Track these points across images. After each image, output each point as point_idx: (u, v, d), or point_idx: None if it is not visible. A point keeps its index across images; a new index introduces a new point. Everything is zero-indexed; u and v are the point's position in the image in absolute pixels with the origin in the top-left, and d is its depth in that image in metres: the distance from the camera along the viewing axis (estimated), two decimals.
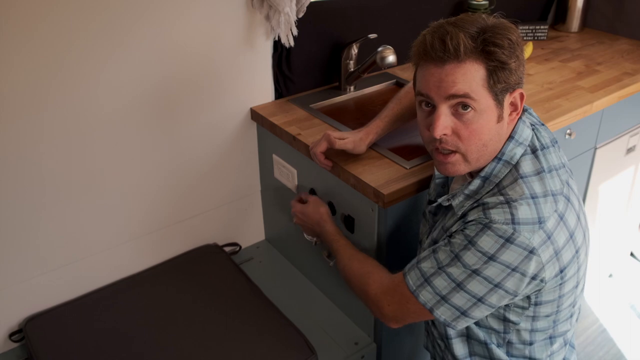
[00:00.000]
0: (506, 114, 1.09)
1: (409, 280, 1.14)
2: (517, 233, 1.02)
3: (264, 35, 1.67)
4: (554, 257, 1.05)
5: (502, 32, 1.03)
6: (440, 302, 1.10)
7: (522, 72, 1.08)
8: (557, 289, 1.11)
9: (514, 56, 1.04)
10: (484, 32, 1.02)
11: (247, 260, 1.88)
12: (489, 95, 1.05)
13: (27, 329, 1.51)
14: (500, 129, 1.09)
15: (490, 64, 1.03)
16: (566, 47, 2.27)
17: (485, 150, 1.09)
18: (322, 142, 1.42)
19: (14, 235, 1.46)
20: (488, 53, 1.02)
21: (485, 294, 1.07)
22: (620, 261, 2.62)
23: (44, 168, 1.44)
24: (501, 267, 1.03)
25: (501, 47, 1.02)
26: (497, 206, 1.05)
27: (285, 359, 1.41)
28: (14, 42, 1.28)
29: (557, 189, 1.08)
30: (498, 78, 1.04)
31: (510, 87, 1.06)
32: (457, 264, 1.07)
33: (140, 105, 1.52)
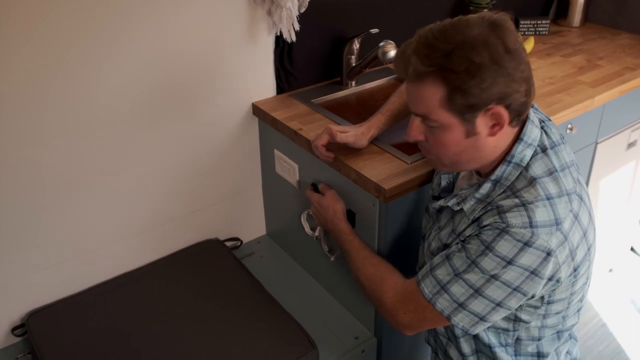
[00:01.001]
0: (483, 128, 1.05)
1: (424, 288, 1.13)
2: (535, 236, 1.01)
3: (265, 31, 1.66)
4: (569, 257, 1.05)
5: (464, 55, 0.98)
6: (458, 309, 1.10)
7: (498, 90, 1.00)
8: (569, 287, 1.11)
9: (476, 78, 0.98)
10: (445, 55, 0.99)
11: (248, 255, 1.88)
12: (451, 115, 1.04)
13: (30, 323, 1.52)
14: (477, 142, 1.07)
15: (447, 87, 1.01)
16: (568, 42, 2.27)
17: (460, 159, 1.10)
18: (323, 135, 1.42)
19: (16, 231, 1.46)
20: (443, 77, 1.01)
21: (504, 299, 1.06)
22: (621, 256, 2.62)
23: (46, 165, 1.44)
24: (520, 270, 1.03)
25: (456, 73, 0.99)
26: (513, 209, 1.04)
27: (286, 353, 1.41)
28: (14, 42, 1.28)
29: (570, 187, 1.07)
30: (456, 100, 1.01)
31: (478, 107, 1.02)
32: (474, 270, 1.06)
33: (141, 101, 1.52)
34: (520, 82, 1.02)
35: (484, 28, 1.00)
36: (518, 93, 1.02)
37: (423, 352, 1.75)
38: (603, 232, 2.31)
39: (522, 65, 1.02)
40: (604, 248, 2.40)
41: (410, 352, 1.73)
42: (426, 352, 1.74)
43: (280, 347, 1.43)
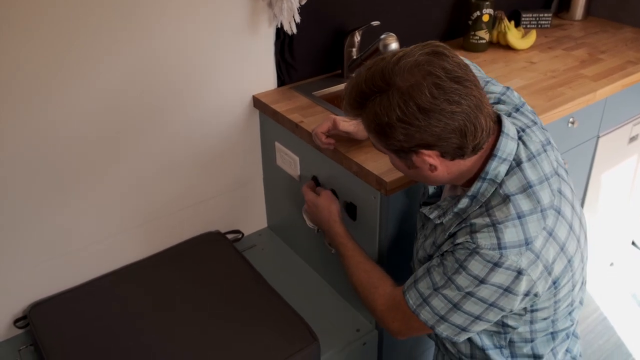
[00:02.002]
0: (422, 165, 1.05)
1: (408, 299, 1.16)
2: (504, 257, 1.02)
3: (266, 22, 1.66)
4: (544, 273, 1.05)
5: (376, 111, 0.99)
6: (440, 321, 1.12)
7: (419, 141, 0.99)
8: (551, 297, 1.11)
9: (388, 134, 1.00)
10: (362, 107, 1.02)
11: (249, 247, 1.89)
12: (387, 150, 1.07)
13: (32, 315, 1.52)
14: (423, 173, 1.07)
15: (372, 131, 1.04)
16: (570, 36, 2.26)
17: (418, 180, 1.14)
18: (324, 123, 1.43)
19: (18, 223, 1.46)
20: (366, 124, 1.04)
21: (481, 313, 1.09)
22: (622, 250, 2.63)
23: (47, 158, 1.44)
24: (493, 288, 1.05)
25: (370, 127, 1.03)
26: (483, 229, 1.04)
27: (288, 345, 1.41)
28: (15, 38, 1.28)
29: (546, 202, 1.06)
30: (382, 145, 1.05)
31: (405, 151, 1.03)
32: (451, 287, 1.08)
33: (141, 94, 1.52)
34: (444, 134, 0.99)
35: (412, 75, 0.97)
36: (445, 142, 1.00)
37: (424, 346, 1.75)
38: (604, 226, 2.31)
39: (444, 120, 0.97)
40: (605, 242, 2.40)
41: (411, 346, 1.73)
42: (426, 345, 1.75)
43: (282, 340, 1.43)
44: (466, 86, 0.98)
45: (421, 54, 0.99)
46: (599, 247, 2.36)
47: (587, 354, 2.20)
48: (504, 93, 1.24)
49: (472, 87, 0.99)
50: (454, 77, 0.97)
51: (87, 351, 1.42)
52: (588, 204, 2.14)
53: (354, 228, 1.49)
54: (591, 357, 2.19)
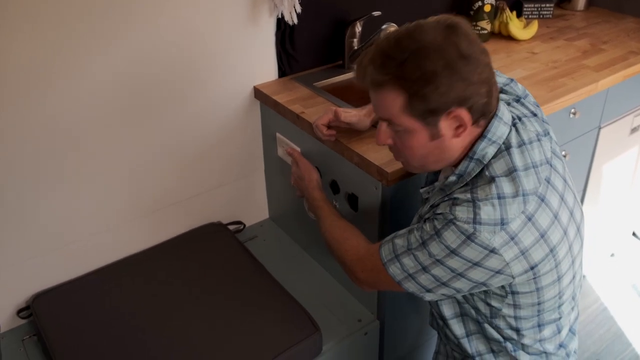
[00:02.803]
0: (447, 131, 1.07)
1: (382, 252, 1.19)
2: (477, 232, 1.04)
3: (267, 13, 1.66)
4: (520, 256, 1.06)
5: (418, 62, 1.00)
6: (408, 278, 1.15)
7: (457, 94, 1.02)
8: (531, 282, 1.11)
9: (431, 85, 1.00)
10: (399, 65, 1.01)
11: (251, 238, 1.89)
12: (413, 119, 1.06)
13: (35, 305, 1.53)
14: (443, 144, 1.09)
15: (406, 93, 1.03)
16: (572, 26, 2.26)
17: (428, 160, 1.13)
18: (325, 114, 1.43)
19: (20, 214, 1.47)
20: (400, 85, 1.03)
21: (448, 280, 1.11)
22: (623, 241, 2.63)
23: (49, 147, 1.44)
24: (463, 260, 1.06)
25: (410, 80, 1.01)
26: (463, 204, 1.06)
27: (290, 335, 1.42)
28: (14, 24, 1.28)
29: (529, 188, 1.07)
30: (416, 106, 1.03)
31: (439, 111, 1.04)
32: (422, 251, 1.10)
33: (142, 85, 1.52)
34: (479, 84, 1.03)
35: (438, 34, 1.01)
36: (478, 95, 1.03)
37: (425, 335, 1.76)
38: (605, 217, 2.32)
39: (479, 68, 1.02)
40: (605, 233, 2.40)
41: (413, 335, 1.74)
42: (428, 335, 1.76)
43: (284, 330, 1.44)
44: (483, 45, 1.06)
45: (437, 18, 1.04)
46: (599, 238, 2.37)
47: (588, 344, 2.21)
48: (507, 84, 1.26)
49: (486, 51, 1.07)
50: (474, 35, 1.05)
51: (90, 340, 1.43)
52: (589, 195, 2.14)
53: (356, 219, 1.49)
54: (591, 347, 2.20)
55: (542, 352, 1.24)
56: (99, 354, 1.40)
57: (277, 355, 1.37)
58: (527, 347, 1.23)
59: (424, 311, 1.66)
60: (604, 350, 2.19)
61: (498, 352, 1.25)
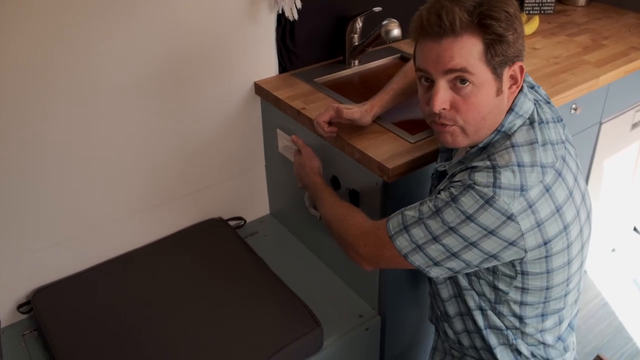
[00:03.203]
0: (506, 87, 1.09)
1: (389, 225, 1.16)
2: (496, 196, 1.03)
3: (267, 9, 1.65)
4: (535, 227, 1.06)
5: (499, 5, 1.03)
6: (416, 249, 1.13)
7: (521, 45, 1.07)
8: (542, 261, 1.11)
9: (512, 29, 1.04)
10: (481, 6, 1.02)
11: (251, 234, 1.89)
12: (487, 69, 1.06)
13: (35, 300, 1.53)
14: (500, 102, 1.10)
15: (487, 38, 1.03)
16: (573, 21, 2.25)
17: (484, 124, 1.10)
18: (326, 112, 1.43)
19: (21, 208, 1.47)
20: (485, 26, 1.03)
21: (459, 250, 1.08)
22: (624, 236, 2.63)
23: (49, 141, 1.44)
24: (478, 228, 1.05)
25: (498, 20, 1.02)
26: (483, 170, 1.06)
27: (291, 331, 1.42)
28: (17, 12, 1.27)
29: (548, 161, 1.08)
30: (495, 51, 1.04)
31: (509, 59, 1.06)
32: (436, 219, 1.09)
33: (143, 80, 1.52)
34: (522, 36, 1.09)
35: None
36: (524, 50, 1.09)
37: (426, 331, 1.76)
38: (606, 212, 2.32)
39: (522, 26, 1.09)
40: (606, 228, 2.40)
41: (414, 331, 1.74)
42: (429, 330, 1.76)
43: (285, 325, 1.44)
44: None
45: None
46: (600, 233, 2.37)
47: (589, 338, 2.21)
48: None
49: None
50: None
51: (90, 335, 1.43)
52: (590, 190, 2.13)
53: None
54: (592, 341, 2.20)
55: (540, 343, 1.24)
56: (100, 348, 1.40)
57: (278, 350, 1.37)
58: (527, 337, 1.23)
59: (425, 306, 1.66)
60: (605, 344, 2.20)
61: (498, 345, 1.25)
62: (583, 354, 2.14)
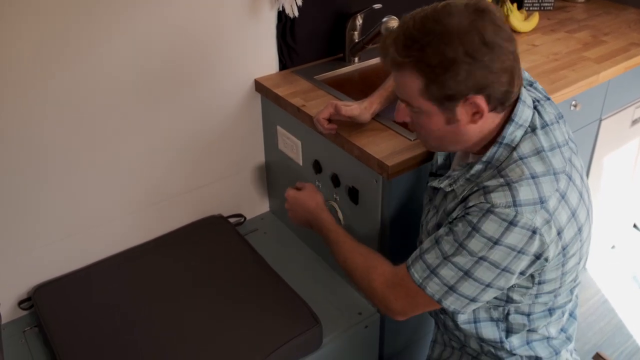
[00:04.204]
0: (463, 117, 1.06)
1: (414, 273, 1.13)
2: (519, 215, 1.02)
3: (267, 5, 1.65)
4: (556, 236, 1.05)
5: (439, 48, 0.99)
6: (449, 292, 1.10)
7: (478, 80, 1.00)
8: (559, 266, 1.11)
9: (451, 71, 0.99)
10: (420, 48, 1.00)
11: (251, 231, 1.89)
12: (429, 103, 1.05)
13: (36, 297, 1.53)
14: (459, 128, 1.08)
15: (424, 77, 1.02)
16: (572, 18, 2.25)
17: (444, 142, 1.12)
18: (325, 109, 1.43)
19: (22, 205, 1.47)
20: (419, 69, 1.02)
21: (493, 279, 1.07)
22: (623, 233, 2.63)
23: (50, 139, 1.44)
24: (507, 250, 1.03)
25: (431, 66, 1.00)
26: (498, 189, 1.04)
27: (290, 328, 1.42)
28: (20, 10, 1.27)
29: (559, 167, 1.07)
30: (434, 90, 1.03)
31: (456, 97, 1.03)
32: (462, 253, 1.06)
33: (142, 77, 1.52)
34: (500, 73, 1.01)
35: (464, 18, 0.99)
36: (498, 83, 1.02)
37: (425, 328, 1.77)
38: (606, 209, 2.32)
39: (502, 57, 1.01)
40: (606, 225, 2.40)
41: (413, 328, 1.74)
42: (428, 328, 1.76)
43: (284, 323, 1.44)
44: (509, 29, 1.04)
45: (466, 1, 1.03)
46: (600, 229, 2.37)
47: (588, 335, 2.21)
48: None
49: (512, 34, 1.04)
50: (502, 18, 1.03)
51: (91, 332, 1.43)
52: (590, 187, 2.12)
53: (356, 212, 1.49)
54: (592, 339, 2.20)
55: (545, 338, 1.24)
56: (100, 345, 1.40)
57: (277, 348, 1.37)
58: (532, 334, 1.23)
59: None
60: (605, 342, 2.20)
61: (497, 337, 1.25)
62: (583, 351, 2.14)
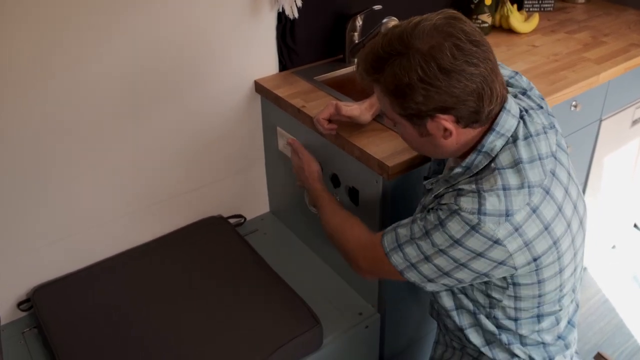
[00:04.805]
0: (435, 132, 1.07)
1: (384, 241, 1.19)
2: (481, 223, 1.04)
3: (267, 7, 1.65)
4: (523, 247, 1.06)
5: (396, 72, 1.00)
6: (410, 267, 1.16)
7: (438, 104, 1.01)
8: (533, 274, 1.12)
9: (408, 96, 1.01)
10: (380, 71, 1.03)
11: (251, 232, 1.89)
12: (401, 118, 1.08)
13: (35, 298, 1.53)
14: (434, 141, 1.09)
15: (389, 95, 1.05)
16: (573, 19, 2.25)
17: (423, 151, 1.17)
18: (326, 109, 1.44)
19: (21, 206, 1.47)
20: (382, 89, 1.06)
21: (451, 270, 1.11)
22: (624, 233, 2.63)
23: (50, 140, 1.44)
24: (466, 251, 1.07)
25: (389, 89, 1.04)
26: (468, 194, 1.06)
27: (290, 329, 1.43)
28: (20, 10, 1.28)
29: (535, 180, 1.07)
30: (399, 110, 1.06)
31: (421, 116, 1.04)
32: (426, 240, 1.11)
33: (143, 78, 1.52)
34: (462, 96, 1.01)
35: (429, 40, 0.99)
36: (463, 106, 1.02)
37: (426, 328, 1.77)
38: (606, 209, 2.32)
39: (463, 82, 1.00)
40: (607, 225, 2.40)
41: (413, 328, 1.74)
42: (429, 328, 1.76)
43: (285, 323, 1.44)
44: (484, 50, 1.02)
45: (439, 18, 1.02)
46: (601, 229, 2.37)
47: (589, 335, 2.21)
48: (512, 77, 1.26)
49: (488, 52, 1.03)
50: (473, 40, 1.00)
51: (90, 333, 1.43)
52: (590, 187, 2.14)
53: (356, 213, 1.49)
54: (592, 338, 2.20)
55: (540, 343, 1.24)
56: (100, 346, 1.40)
57: (278, 348, 1.37)
58: (524, 338, 1.23)
59: (425, 303, 1.66)
60: (605, 342, 2.20)
61: (492, 344, 1.26)
62: (583, 351, 2.14)
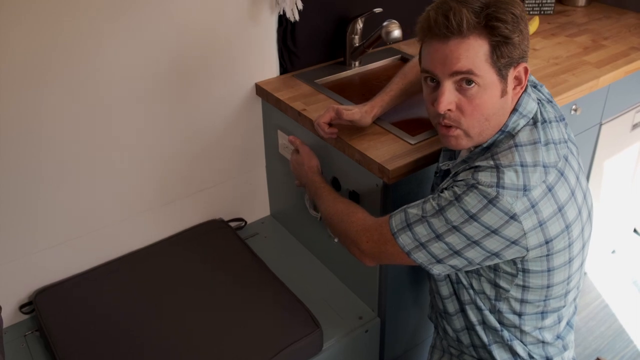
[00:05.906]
0: (510, 88, 1.10)
1: (392, 222, 1.17)
2: (500, 196, 1.04)
3: (268, 10, 1.66)
4: (537, 227, 1.07)
5: (505, 7, 1.03)
6: (419, 247, 1.14)
7: (526, 46, 1.08)
8: (544, 260, 1.12)
9: (517, 30, 1.05)
10: (488, 7, 1.03)
11: (252, 235, 1.89)
12: (493, 71, 1.06)
13: (37, 301, 1.53)
14: (504, 104, 1.10)
15: (493, 40, 1.04)
16: (573, 22, 2.25)
17: (487, 125, 1.11)
18: (326, 113, 1.43)
19: (23, 209, 1.47)
20: (491, 28, 1.03)
21: (462, 248, 1.10)
22: (624, 237, 2.63)
23: (51, 142, 1.44)
24: (481, 227, 1.06)
25: (504, 22, 1.03)
26: (486, 170, 1.07)
27: (291, 332, 1.42)
28: (19, 11, 1.28)
29: (550, 161, 1.09)
30: (501, 53, 1.05)
31: (514, 61, 1.07)
32: (439, 217, 1.10)
33: (144, 81, 1.52)
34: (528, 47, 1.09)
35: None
36: (528, 51, 1.09)
37: (426, 333, 1.76)
38: (606, 214, 2.31)
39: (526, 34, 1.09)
40: (606, 229, 2.40)
41: (413, 332, 1.74)
42: (428, 332, 1.76)
43: (285, 327, 1.44)
44: None
45: None
46: (600, 234, 2.36)
47: (589, 340, 2.21)
48: None
49: None
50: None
51: (92, 336, 1.43)
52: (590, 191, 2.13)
53: None
54: (592, 344, 2.20)
55: (540, 341, 1.25)
56: (101, 349, 1.40)
57: (278, 352, 1.37)
58: (526, 335, 1.23)
59: (425, 307, 1.66)
60: (605, 347, 2.19)
61: (493, 344, 1.26)
62: (583, 356, 2.14)
